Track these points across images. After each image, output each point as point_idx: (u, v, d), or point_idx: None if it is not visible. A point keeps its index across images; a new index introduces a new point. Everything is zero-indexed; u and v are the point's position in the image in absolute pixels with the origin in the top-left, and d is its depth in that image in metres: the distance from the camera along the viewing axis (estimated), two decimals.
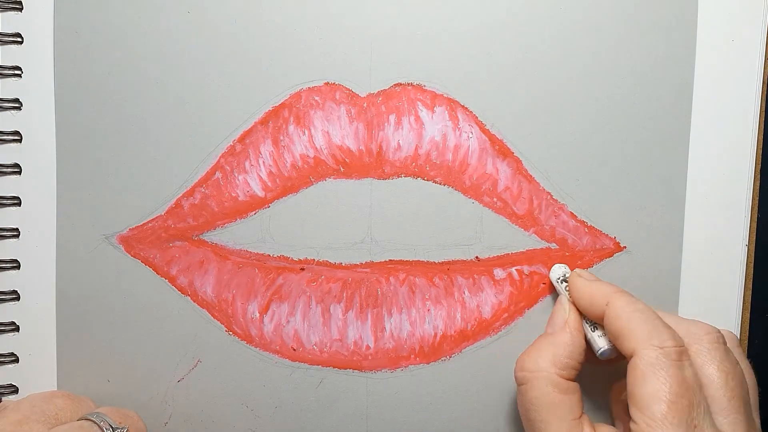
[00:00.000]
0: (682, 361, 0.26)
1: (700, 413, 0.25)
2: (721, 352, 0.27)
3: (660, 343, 0.26)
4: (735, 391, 0.26)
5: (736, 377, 0.26)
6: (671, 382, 0.25)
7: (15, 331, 0.31)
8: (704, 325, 0.28)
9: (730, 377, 0.26)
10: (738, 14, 0.31)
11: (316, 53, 0.30)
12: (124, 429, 0.28)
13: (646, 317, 0.27)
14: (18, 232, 0.30)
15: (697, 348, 0.27)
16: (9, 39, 0.30)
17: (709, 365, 0.26)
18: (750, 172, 0.32)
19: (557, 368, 0.28)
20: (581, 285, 0.29)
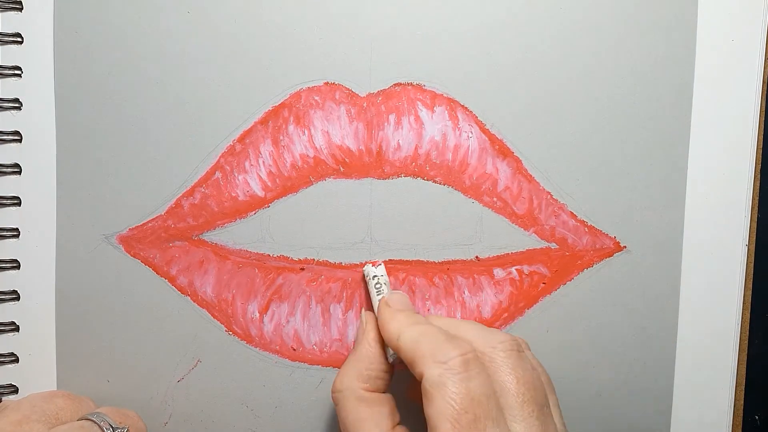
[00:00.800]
0: (468, 371, 0.25)
1: (489, 424, 0.25)
2: (514, 358, 0.27)
3: (442, 358, 0.26)
4: (527, 396, 0.26)
5: (528, 382, 0.26)
6: (454, 399, 0.25)
7: (15, 331, 0.31)
8: (500, 334, 0.28)
9: (521, 383, 0.26)
10: (738, 14, 0.31)
11: (316, 53, 0.30)
12: (124, 429, 0.28)
13: (432, 339, 0.27)
14: (18, 232, 0.30)
15: (491, 356, 0.27)
16: (9, 39, 0.30)
17: (501, 372, 0.26)
18: (750, 172, 0.32)
19: (361, 382, 0.28)
20: (382, 317, 0.29)
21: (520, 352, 0.27)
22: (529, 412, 0.26)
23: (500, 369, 0.27)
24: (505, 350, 0.27)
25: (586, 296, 0.32)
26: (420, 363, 0.26)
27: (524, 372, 0.27)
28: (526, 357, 0.28)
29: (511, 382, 0.26)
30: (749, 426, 0.33)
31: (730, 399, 0.32)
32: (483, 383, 0.25)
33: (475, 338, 0.28)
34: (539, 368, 0.29)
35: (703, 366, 0.32)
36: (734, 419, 0.33)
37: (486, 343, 0.27)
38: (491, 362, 0.27)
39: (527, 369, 0.27)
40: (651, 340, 0.32)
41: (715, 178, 0.32)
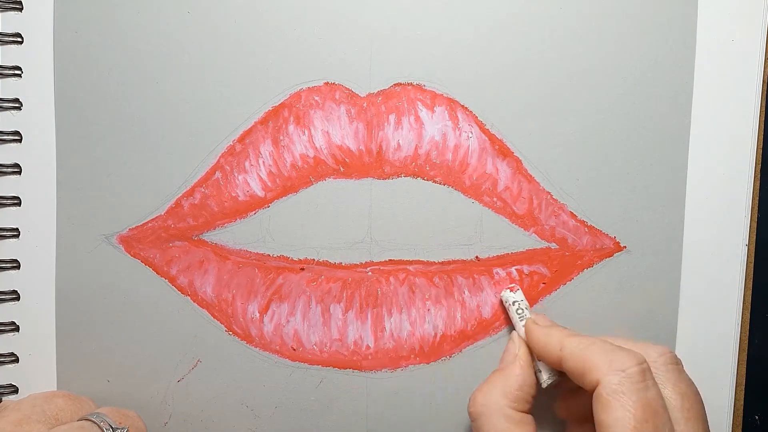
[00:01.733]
0: (645, 381, 0.26)
1: None
2: (676, 373, 0.27)
3: (621, 367, 0.26)
4: (692, 412, 0.26)
5: (691, 397, 0.27)
6: (635, 407, 0.25)
7: (15, 331, 0.31)
8: (657, 347, 0.28)
9: (686, 398, 0.26)
10: (738, 14, 0.31)
11: (316, 53, 0.30)
12: (124, 429, 0.28)
13: (602, 347, 0.27)
14: (18, 232, 0.30)
15: (654, 370, 0.27)
16: (9, 39, 0.30)
17: (664, 387, 0.27)
18: (750, 172, 0.32)
19: (508, 401, 0.28)
20: (536, 335, 0.29)
21: (678, 365, 0.28)
22: (694, 428, 0.26)
23: (663, 384, 0.27)
24: (666, 363, 0.27)
25: (586, 296, 0.32)
26: (594, 371, 0.26)
27: (687, 387, 0.27)
28: (684, 371, 0.28)
29: (675, 398, 0.26)
30: (749, 426, 0.33)
31: (730, 399, 0.32)
32: (659, 394, 0.26)
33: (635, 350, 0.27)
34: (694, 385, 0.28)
35: (703, 366, 0.32)
36: (734, 419, 0.33)
37: (646, 355, 0.27)
38: (654, 376, 0.27)
39: (689, 384, 0.27)
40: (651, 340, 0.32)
41: (715, 178, 0.32)
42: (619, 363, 0.26)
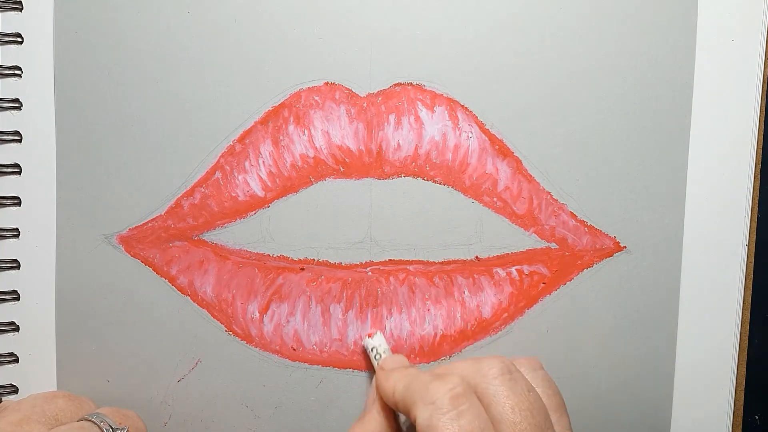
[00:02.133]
0: (457, 408, 0.25)
1: None
2: (506, 384, 0.26)
3: (431, 399, 0.25)
4: (523, 424, 0.25)
5: (525, 408, 0.26)
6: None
7: (15, 331, 0.31)
8: (490, 360, 0.27)
9: (516, 410, 0.26)
10: (738, 14, 0.31)
11: (316, 53, 0.30)
12: (124, 429, 0.28)
13: (419, 382, 0.27)
14: (18, 232, 0.30)
15: (483, 386, 0.26)
16: (9, 39, 0.30)
17: (495, 402, 0.26)
18: (750, 172, 0.32)
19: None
20: (378, 380, 0.29)
21: (511, 375, 0.27)
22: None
23: (494, 399, 0.26)
24: (496, 377, 0.27)
25: (586, 296, 0.32)
26: (412, 408, 0.26)
27: (518, 397, 0.26)
28: (519, 380, 0.27)
29: (505, 412, 0.26)
30: (749, 426, 0.33)
31: (730, 399, 0.32)
32: (475, 416, 0.25)
33: (465, 371, 0.27)
34: (545, 389, 0.28)
35: (703, 366, 0.32)
36: (734, 419, 0.33)
37: (477, 373, 0.27)
38: (485, 393, 0.26)
39: (521, 393, 0.26)
40: (651, 340, 0.32)
41: (715, 178, 0.32)
42: (429, 395, 0.25)
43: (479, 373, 0.27)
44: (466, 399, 0.25)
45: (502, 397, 0.26)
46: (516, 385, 0.27)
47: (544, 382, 0.28)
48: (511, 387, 0.26)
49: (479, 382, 0.27)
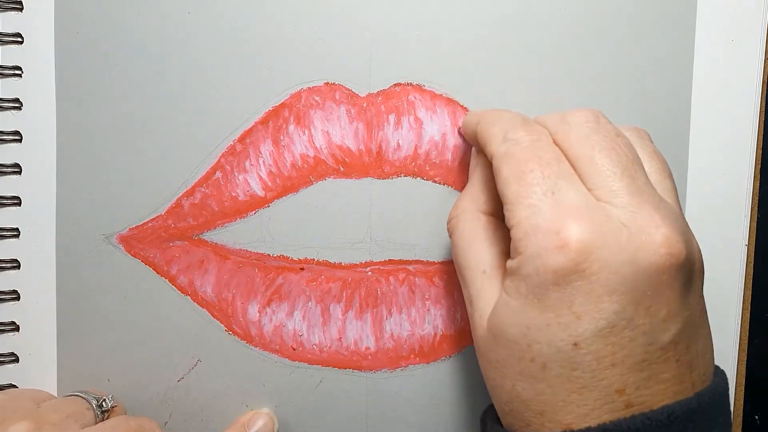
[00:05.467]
0: (535, 143, 0.24)
1: (561, 183, 0.23)
2: (590, 129, 0.25)
3: (512, 135, 0.25)
4: (605, 161, 0.24)
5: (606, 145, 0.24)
6: (520, 161, 0.24)
7: (15, 331, 0.31)
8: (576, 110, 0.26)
9: (597, 147, 0.24)
10: (737, 14, 0.31)
11: (316, 53, 0.30)
12: (108, 400, 0.29)
13: (506, 119, 0.26)
14: (18, 231, 0.30)
15: (566, 129, 0.25)
16: (9, 39, 0.30)
17: (576, 143, 0.25)
18: (750, 172, 0.32)
19: (476, 204, 0.27)
20: (466, 118, 0.29)
21: (599, 122, 0.25)
22: (609, 176, 0.23)
23: (575, 138, 0.25)
24: (580, 124, 0.25)
25: None
26: (489, 144, 0.25)
27: (599, 137, 0.24)
28: (605, 125, 0.25)
29: (585, 152, 0.24)
30: (749, 426, 0.33)
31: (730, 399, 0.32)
32: (552, 150, 0.24)
33: (550, 122, 0.26)
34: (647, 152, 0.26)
35: None
36: (734, 419, 0.33)
37: (562, 120, 0.25)
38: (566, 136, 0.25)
39: (606, 134, 0.24)
40: None
41: (715, 178, 0.32)
42: (513, 133, 0.25)
43: (564, 120, 0.25)
44: (547, 143, 0.25)
45: (583, 136, 0.25)
46: (600, 127, 0.25)
47: (648, 148, 0.26)
48: (594, 129, 0.25)
49: (560, 128, 0.25)
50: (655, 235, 0.22)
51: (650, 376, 0.22)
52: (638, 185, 0.23)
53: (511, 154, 0.24)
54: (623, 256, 0.22)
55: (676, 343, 0.23)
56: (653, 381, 0.22)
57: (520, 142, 0.25)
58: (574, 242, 0.22)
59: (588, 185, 0.24)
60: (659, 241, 0.22)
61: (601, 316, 0.22)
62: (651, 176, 0.25)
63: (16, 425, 0.25)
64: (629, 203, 0.23)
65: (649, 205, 0.23)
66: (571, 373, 0.22)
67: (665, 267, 0.22)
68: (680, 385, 0.23)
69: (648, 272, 0.22)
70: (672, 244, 0.22)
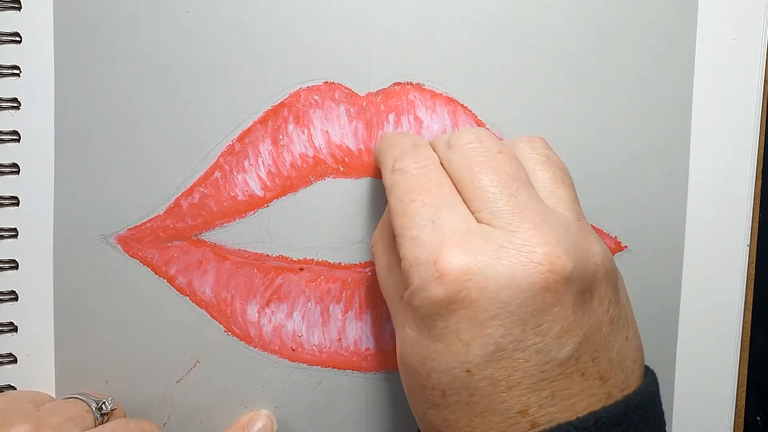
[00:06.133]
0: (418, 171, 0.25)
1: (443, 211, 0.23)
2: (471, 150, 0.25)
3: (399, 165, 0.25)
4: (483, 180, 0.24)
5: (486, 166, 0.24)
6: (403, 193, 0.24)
7: (13, 332, 0.31)
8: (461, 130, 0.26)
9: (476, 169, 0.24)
10: (739, 13, 0.31)
11: (316, 52, 0.30)
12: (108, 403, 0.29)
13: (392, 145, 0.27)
14: (16, 232, 0.30)
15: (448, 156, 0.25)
16: (7, 38, 0.30)
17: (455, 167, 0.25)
18: (751, 172, 0.31)
19: (390, 229, 0.27)
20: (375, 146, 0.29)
21: (481, 142, 0.25)
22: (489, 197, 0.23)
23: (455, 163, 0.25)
24: (461, 146, 0.25)
25: None
26: (383, 172, 0.26)
27: (478, 156, 0.24)
28: (487, 142, 0.25)
29: (466, 173, 0.24)
30: (751, 427, 0.33)
31: (732, 400, 0.32)
32: (436, 175, 0.24)
33: (437, 145, 0.26)
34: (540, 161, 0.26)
35: (704, 367, 0.32)
36: (735, 420, 0.33)
37: (446, 144, 0.25)
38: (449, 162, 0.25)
39: (483, 153, 0.24)
40: (652, 341, 0.32)
41: (717, 178, 0.31)
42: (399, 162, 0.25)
43: (448, 143, 0.25)
44: (429, 159, 0.25)
45: (463, 157, 0.24)
46: (481, 146, 0.25)
47: (540, 156, 0.26)
48: (474, 148, 0.25)
49: (444, 152, 0.25)
50: (533, 253, 0.22)
51: (553, 394, 0.22)
52: (519, 202, 0.23)
53: (397, 185, 0.25)
54: (501, 279, 0.22)
55: (578, 358, 0.22)
56: (558, 398, 0.22)
57: (406, 171, 0.25)
58: (451, 271, 0.22)
59: (471, 208, 0.24)
60: (538, 259, 0.22)
61: (488, 341, 0.22)
62: (543, 186, 0.25)
63: (16, 428, 0.25)
64: (509, 223, 0.23)
65: (529, 222, 0.23)
66: (470, 399, 0.22)
67: (548, 284, 0.22)
68: (591, 398, 0.22)
69: (530, 292, 0.22)
70: (552, 260, 0.22)
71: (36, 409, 0.27)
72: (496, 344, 0.22)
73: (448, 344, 0.22)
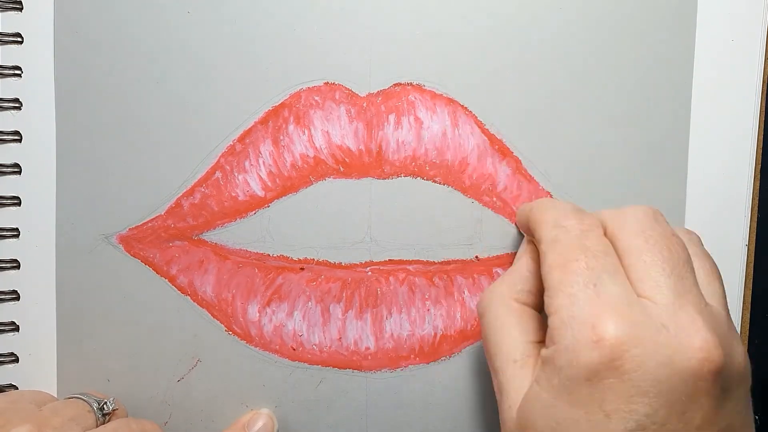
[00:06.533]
0: (583, 233, 0.24)
1: (604, 277, 0.23)
2: (647, 223, 0.25)
3: (563, 222, 0.25)
4: (655, 257, 0.23)
5: (661, 243, 0.24)
6: (566, 249, 0.24)
7: (15, 331, 0.31)
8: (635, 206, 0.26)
9: (650, 243, 0.24)
10: (737, 14, 0.31)
11: (316, 53, 0.30)
12: (110, 403, 0.29)
13: (559, 207, 0.26)
14: (18, 231, 0.30)
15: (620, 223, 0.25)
16: (9, 39, 0.30)
17: (626, 235, 0.24)
18: (750, 172, 0.31)
19: (512, 292, 0.27)
20: (521, 209, 0.29)
21: (654, 220, 0.25)
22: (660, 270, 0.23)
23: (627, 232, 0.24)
24: (635, 218, 0.25)
25: None
26: (539, 228, 0.25)
27: (654, 233, 0.24)
28: (662, 223, 0.25)
29: (637, 241, 0.24)
30: None
31: None
32: (600, 242, 0.24)
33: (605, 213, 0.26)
34: (699, 254, 0.26)
35: None
36: None
37: (617, 213, 0.25)
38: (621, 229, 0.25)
39: (660, 232, 0.24)
40: None
41: (715, 178, 0.31)
42: (564, 220, 0.25)
43: (619, 213, 0.25)
44: (595, 233, 0.24)
45: (638, 229, 0.24)
46: (656, 224, 0.25)
47: (698, 249, 0.26)
48: (649, 225, 0.24)
49: (614, 220, 0.25)
50: (694, 338, 0.22)
51: None
52: (685, 285, 0.23)
53: (559, 241, 0.24)
54: (659, 357, 0.21)
55: None
56: None
57: (570, 230, 0.24)
58: (609, 338, 0.22)
59: (632, 278, 0.23)
60: (698, 345, 0.22)
61: (631, 417, 0.21)
62: (699, 278, 0.25)
63: (18, 428, 0.25)
64: (672, 302, 0.22)
65: (691, 307, 0.22)
66: None
67: (702, 373, 0.22)
68: None
69: (684, 376, 0.21)
70: (710, 349, 0.22)
71: (38, 409, 0.27)
72: (638, 422, 0.21)
73: (588, 412, 0.22)
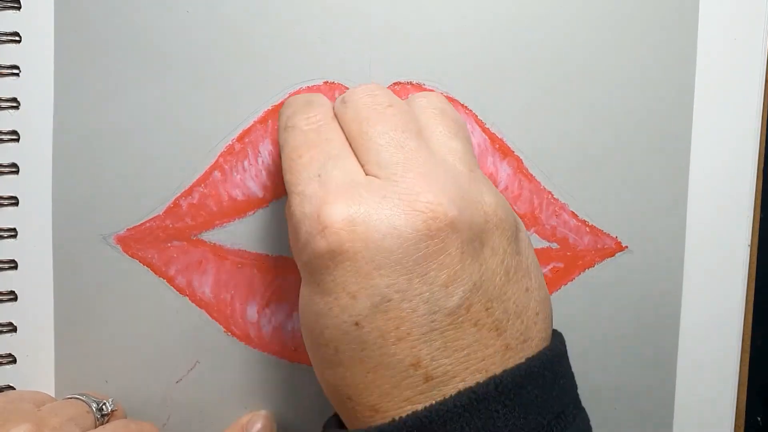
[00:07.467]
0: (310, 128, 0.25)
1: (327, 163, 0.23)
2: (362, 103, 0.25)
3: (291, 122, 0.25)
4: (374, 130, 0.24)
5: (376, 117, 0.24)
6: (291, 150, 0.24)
7: (12, 332, 0.31)
8: None
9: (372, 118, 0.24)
10: (740, 13, 0.31)
11: (316, 52, 0.30)
12: (108, 404, 0.29)
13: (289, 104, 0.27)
14: (15, 232, 0.30)
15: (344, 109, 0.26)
16: (7, 38, 0.30)
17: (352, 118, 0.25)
18: (752, 172, 0.31)
19: None
20: None
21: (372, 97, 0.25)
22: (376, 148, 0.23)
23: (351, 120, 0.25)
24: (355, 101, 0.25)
25: (588, 296, 0.31)
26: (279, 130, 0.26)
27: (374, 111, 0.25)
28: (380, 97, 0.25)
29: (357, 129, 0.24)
30: (752, 427, 0.33)
31: (733, 400, 0.32)
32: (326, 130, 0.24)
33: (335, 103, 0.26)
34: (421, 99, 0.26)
35: (706, 367, 0.32)
36: (736, 420, 0.32)
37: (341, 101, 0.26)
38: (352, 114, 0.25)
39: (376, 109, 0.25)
40: (653, 341, 0.32)
41: (718, 178, 0.31)
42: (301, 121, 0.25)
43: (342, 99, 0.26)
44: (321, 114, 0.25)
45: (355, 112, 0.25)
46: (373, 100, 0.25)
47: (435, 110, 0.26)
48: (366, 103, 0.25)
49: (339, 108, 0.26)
50: (415, 201, 0.22)
51: (445, 345, 0.22)
52: (406, 152, 0.23)
53: (287, 142, 0.25)
54: (383, 228, 0.22)
55: (468, 307, 0.22)
56: (450, 350, 0.22)
57: (297, 127, 0.25)
58: (333, 223, 0.22)
59: (361, 161, 0.24)
60: (420, 206, 0.22)
61: (374, 292, 0.22)
62: (436, 138, 0.25)
63: (17, 428, 0.25)
64: (393, 173, 0.23)
65: (414, 172, 0.23)
66: (361, 354, 0.22)
67: (431, 231, 0.22)
68: (486, 349, 0.22)
69: (412, 240, 0.22)
70: (434, 207, 0.22)
71: (37, 409, 0.27)
72: (382, 295, 0.22)
73: (336, 297, 0.22)
